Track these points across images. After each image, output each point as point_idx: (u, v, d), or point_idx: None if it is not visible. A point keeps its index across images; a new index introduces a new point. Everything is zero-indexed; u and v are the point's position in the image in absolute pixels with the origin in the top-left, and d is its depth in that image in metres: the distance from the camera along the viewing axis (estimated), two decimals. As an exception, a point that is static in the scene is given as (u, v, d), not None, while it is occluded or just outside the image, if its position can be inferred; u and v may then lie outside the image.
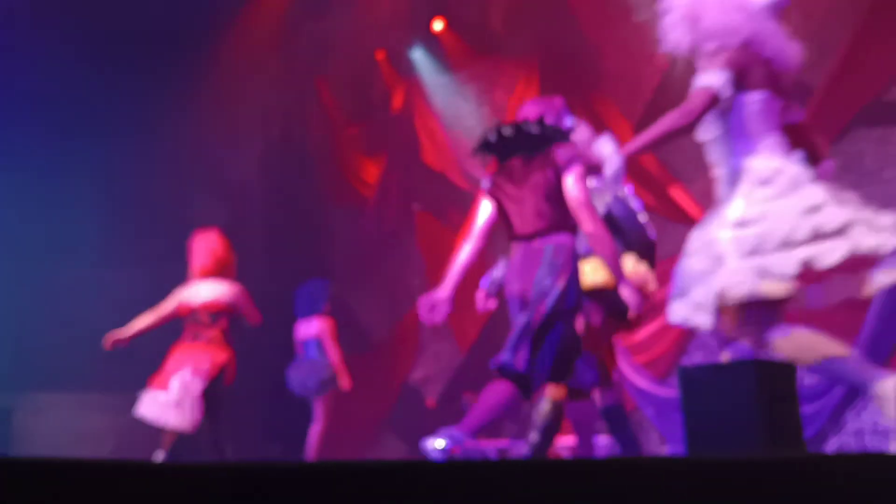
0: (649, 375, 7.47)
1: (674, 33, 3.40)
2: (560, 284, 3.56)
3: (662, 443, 7.21)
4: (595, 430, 4.76)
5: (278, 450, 9.12)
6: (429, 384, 9.52)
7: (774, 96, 3.26)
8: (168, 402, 5.67)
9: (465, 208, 9.35)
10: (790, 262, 2.99)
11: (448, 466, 1.82)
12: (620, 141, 3.88)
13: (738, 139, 3.24)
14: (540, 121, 3.80)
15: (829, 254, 2.99)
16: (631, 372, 7.79)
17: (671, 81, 7.96)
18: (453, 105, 9.61)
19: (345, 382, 7.40)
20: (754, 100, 3.23)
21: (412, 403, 9.47)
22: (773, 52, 3.28)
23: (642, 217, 4.59)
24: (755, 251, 3.06)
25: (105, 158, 8.62)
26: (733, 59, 3.20)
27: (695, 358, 7.14)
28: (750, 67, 3.23)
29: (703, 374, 2.60)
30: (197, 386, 5.70)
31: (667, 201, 7.57)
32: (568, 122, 4.10)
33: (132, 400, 5.92)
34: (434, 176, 9.67)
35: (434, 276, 9.65)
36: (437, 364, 9.55)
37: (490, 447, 7.75)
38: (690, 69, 8.00)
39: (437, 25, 9.59)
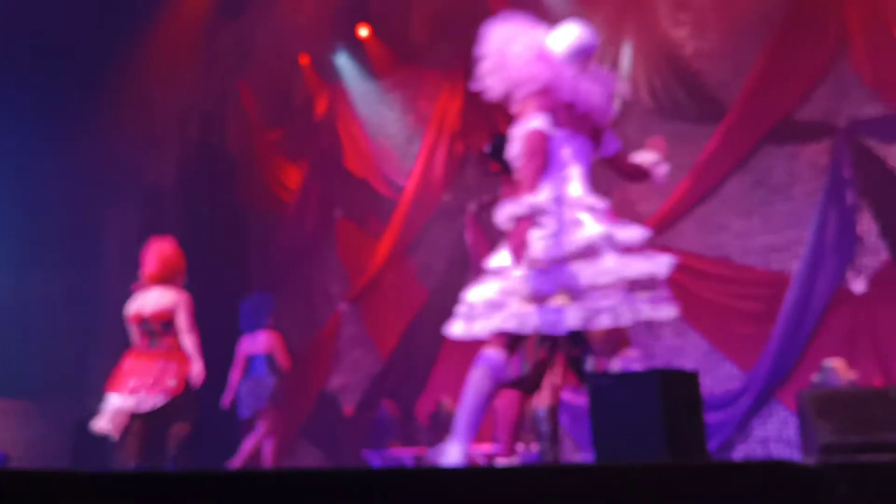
0: (566, 384, 7.57)
1: (488, 80, 3.69)
2: None
3: (577, 450, 7.32)
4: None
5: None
6: (346, 392, 9.47)
7: (577, 134, 3.59)
8: (118, 409, 5.55)
9: (387, 216, 9.35)
10: (561, 324, 3.29)
11: (367, 474, 1.83)
12: None
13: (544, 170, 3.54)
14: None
15: (600, 319, 3.28)
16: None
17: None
18: (377, 112, 9.61)
19: (293, 394, 7.53)
20: (557, 138, 3.54)
21: (329, 411, 9.40)
22: (574, 96, 3.60)
23: None
24: (537, 294, 3.34)
25: (18, 160, 8.36)
26: (542, 103, 3.52)
27: (609, 367, 7.27)
28: (553, 110, 3.53)
29: (610, 382, 2.68)
30: (154, 402, 5.59)
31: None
32: None
33: (33, 407, 5.71)
34: (356, 183, 9.65)
35: (355, 283, 9.63)
36: (355, 372, 9.50)
37: (406, 455, 7.75)
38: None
39: (363, 32, 9.57)
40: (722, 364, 7.22)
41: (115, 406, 5.52)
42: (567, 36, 3.67)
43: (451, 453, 3.37)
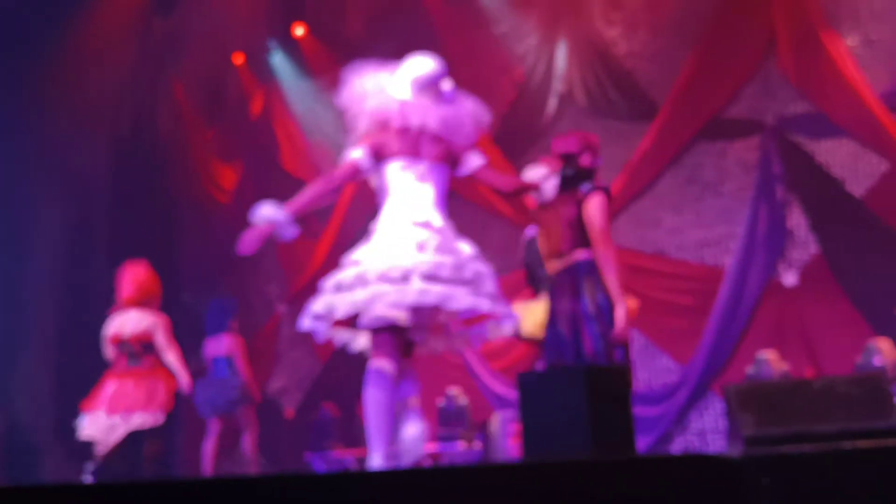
0: (506, 381, 7.62)
1: (353, 126, 3.98)
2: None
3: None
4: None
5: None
6: (287, 394, 9.38)
7: (415, 161, 3.80)
8: (113, 427, 5.65)
9: (326, 215, 9.29)
10: (374, 305, 3.49)
11: (312, 478, 1.82)
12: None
13: (383, 196, 3.84)
14: (575, 164, 4.33)
15: (423, 296, 3.45)
16: (489, 377, 7.93)
17: (527, 93, 8.16)
18: (313, 111, 9.53)
19: (256, 397, 7.46)
20: (391, 166, 3.78)
21: (270, 414, 9.30)
22: (412, 124, 3.81)
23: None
24: (360, 282, 3.59)
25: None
26: (377, 136, 3.82)
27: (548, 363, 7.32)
28: (384, 141, 3.79)
29: (538, 379, 2.70)
30: (154, 419, 5.73)
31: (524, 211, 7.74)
32: (598, 161, 4.50)
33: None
34: (293, 182, 9.55)
35: (293, 284, 9.54)
36: (295, 374, 9.42)
37: (349, 457, 7.73)
38: (546, 82, 8.23)
39: (299, 31, 9.50)
40: (659, 357, 7.34)
41: (108, 423, 5.65)
42: (410, 69, 3.94)
43: (374, 463, 3.44)
